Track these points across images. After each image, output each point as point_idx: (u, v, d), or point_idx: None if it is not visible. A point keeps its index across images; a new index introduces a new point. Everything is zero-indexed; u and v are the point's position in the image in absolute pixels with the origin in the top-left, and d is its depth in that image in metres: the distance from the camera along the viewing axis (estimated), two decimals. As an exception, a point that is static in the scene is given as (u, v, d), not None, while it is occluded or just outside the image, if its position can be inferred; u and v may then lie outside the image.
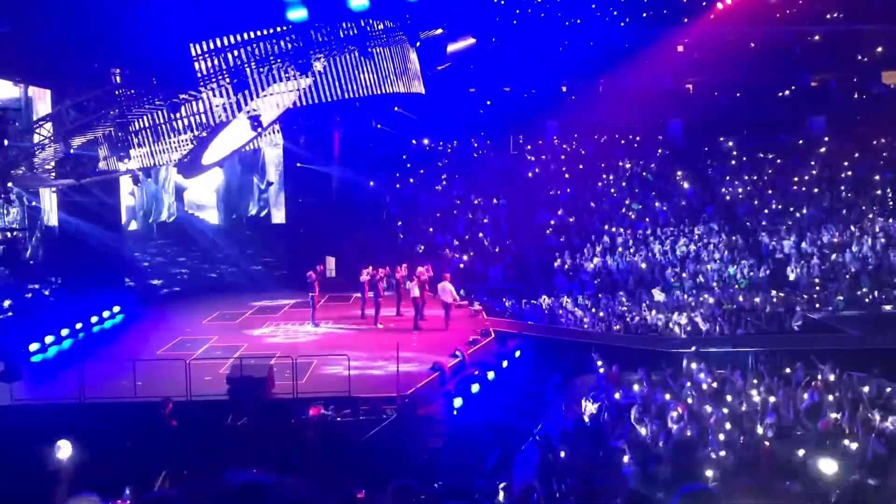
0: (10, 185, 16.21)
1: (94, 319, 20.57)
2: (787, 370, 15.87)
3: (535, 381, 17.43)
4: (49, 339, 18.46)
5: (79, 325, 19.74)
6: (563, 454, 12.21)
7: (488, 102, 37.58)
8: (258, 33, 16.57)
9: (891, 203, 29.06)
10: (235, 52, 16.27)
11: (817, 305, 22.74)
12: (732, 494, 10.81)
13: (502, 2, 37.36)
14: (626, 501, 5.62)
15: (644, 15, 39.51)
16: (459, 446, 13.38)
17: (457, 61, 28.05)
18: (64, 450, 10.95)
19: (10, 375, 13.67)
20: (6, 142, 14.67)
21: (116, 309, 21.92)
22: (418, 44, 19.82)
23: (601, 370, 16.93)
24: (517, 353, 18.16)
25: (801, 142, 35.62)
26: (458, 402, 14.75)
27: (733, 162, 34.69)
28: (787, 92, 37.89)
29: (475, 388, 15.53)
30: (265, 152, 28.07)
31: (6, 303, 19.06)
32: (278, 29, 17.18)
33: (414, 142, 35.99)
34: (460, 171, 35.19)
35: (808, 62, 38.30)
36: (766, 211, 30.22)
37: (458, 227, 31.12)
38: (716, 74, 38.15)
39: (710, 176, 34.21)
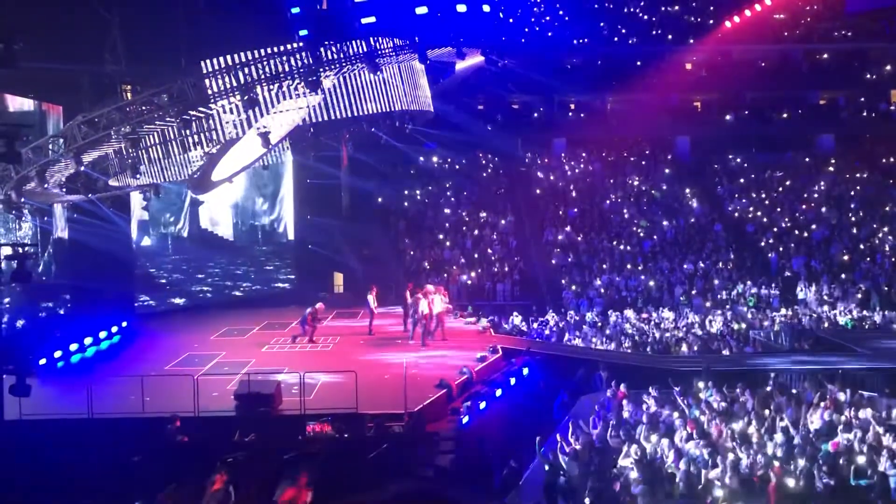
0: (22, 199, 16.29)
1: (102, 335, 20.71)
2: (796, 390, 15.89)
3: (542, 398, 17.46)
4: (58, 353, 18.49)
5: (88, 341, 19.84)
6: (570, 473, 12.19)
7: (498, 118, 38.02)
8: (269, 50, 16.65)
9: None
10: (246, 70, 16.34)
11: (826, 324, 22.68)
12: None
13: (511, 20, 37.68)
14: None
15: (653, 33, 39.96)
16: (467, 464, 13.36)
17: (465, 78, 28.44)
18: None
19: (19, 390, 13.66)
20: (21, 156, 14.67)
21: (124, 324, 22.05)
22: (427, 62, 19.93)
23: (609, 388, 16.94)
24: (525, 371, 18.08)
25: (808, 159, 35.79)
26: (465, 419, 14.79)
27: (741, 180, 34.80)
28: (795, 110, 37.97)
29: (483, 405, 15.53)
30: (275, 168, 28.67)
31: (19, 322, 19.11)
32: (289, 46, 17.43)
33: (422, 158, 36.27)
34: (469, 187, 35.47)
35: (816, 80, 38.42)
36: (774, 229, 30.35)
37: (465, 243, 31.55)
38: (724, 92, 38.49)
39: (719, 193, 34.20)
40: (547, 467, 12.22)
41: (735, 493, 10.98)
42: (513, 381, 17.34)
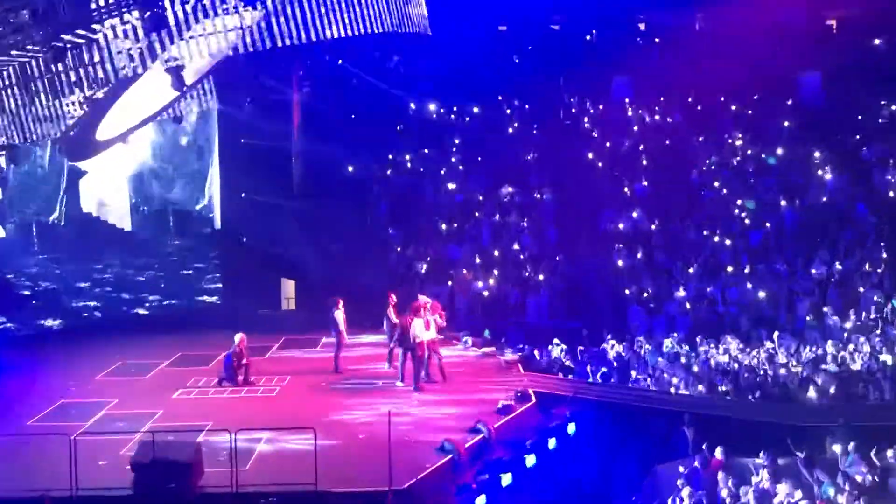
0: None
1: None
2: None
3: (597, 469, 17.69)
4: None
5: None
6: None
7: (529, 47, 38.21)
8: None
9: None
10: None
11: None
12: None
13: None
14: None
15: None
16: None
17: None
18: None
19: None
20: None
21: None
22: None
23: (698, 453, 17.12)
24: (571, 428, 18.38)
25: None
26: (480, 500, 14.91)
27: (900, 137, 34.47)
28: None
29: (506, 479, 15.64)
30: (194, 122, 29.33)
31: None
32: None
33: (414, 106, 36.55)
34: (484, 152, 35.48)
35: None
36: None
37: (480, 233, 31.35)
38: (873, 6, 37.57)
39: (864, 157, 33.77)
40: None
41: None
42: (552, 442, 17.51)
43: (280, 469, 15.44)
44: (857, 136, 34.92)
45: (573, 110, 38.04)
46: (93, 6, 16.29)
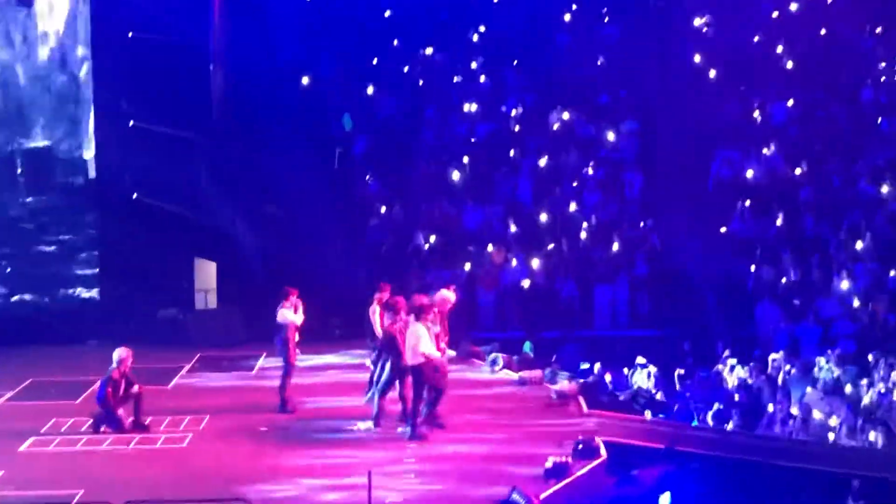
0: None
1: None
2: None
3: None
4: None
5: None
6: None
7: None
8: None
9: None
10: None
11: None
12: None
13: None
14: None
15: None
16: None
17: None
18: None
19: None
20: None
21: None
22: None
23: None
24: (664, 499, 17.73)
25: None
26: None
27: None
28: None
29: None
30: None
31: None
32: None
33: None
34: (526, 53, 35.57)
35: None
36: None
37: (518, 187, 31.53)
38: None
39: None
40: None
41: None
42: None
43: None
44: None
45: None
46: None
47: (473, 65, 35.32)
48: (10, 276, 29.50)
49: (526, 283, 28.47)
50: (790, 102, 33.03)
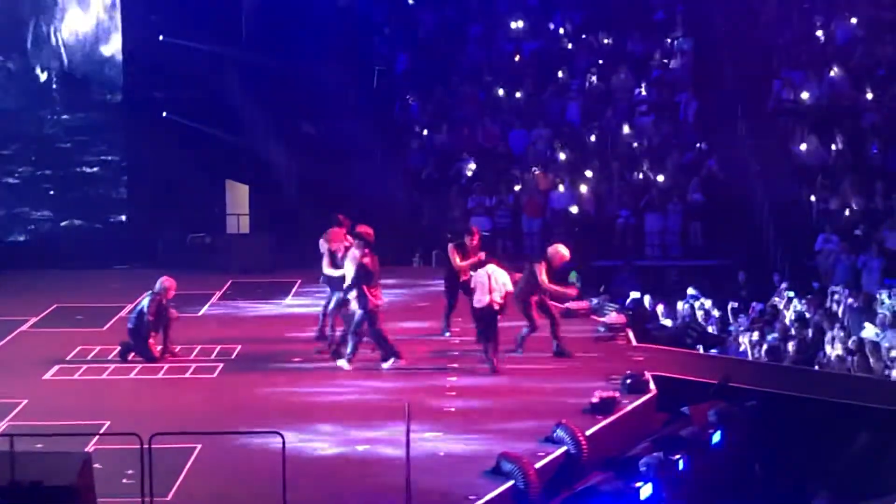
0: None
1: None
2: None
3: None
4: None
5: None
6: None
7: None
8: None
9: None
10: None
11: None
12: None
13: None
14: None
15: None
16: None
17: None
18: None
19: None
20: None
21: None
22: None
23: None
24: (716, 437, 18.23)
25: None
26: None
27: None
28: None
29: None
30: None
31: None
32: None
33: None
34: None
35: None
36: None
37: (566, 108, 31.58)
38: None
39: None
40: None
41: None
42: (681, 463, 17.32)
43: (221, 500, 15.00)
44: None
45: None
46: None
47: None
48: (52, 198, 29.66)
49: (574, 210, 28.98)
50: (854, 20, 33.02)
